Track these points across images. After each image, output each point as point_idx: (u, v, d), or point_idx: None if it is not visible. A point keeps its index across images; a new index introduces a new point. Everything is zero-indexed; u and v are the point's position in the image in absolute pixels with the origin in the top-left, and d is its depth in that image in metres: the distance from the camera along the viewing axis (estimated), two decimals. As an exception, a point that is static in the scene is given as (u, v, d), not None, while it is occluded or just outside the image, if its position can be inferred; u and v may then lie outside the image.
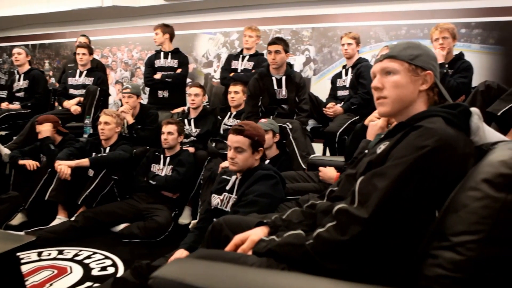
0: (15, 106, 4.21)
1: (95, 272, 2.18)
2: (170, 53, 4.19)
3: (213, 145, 3.27)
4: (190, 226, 2.89)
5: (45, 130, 3.27)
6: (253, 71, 3.71)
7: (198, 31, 5.41)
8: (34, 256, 2.35)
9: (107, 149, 3.18)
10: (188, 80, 4.58)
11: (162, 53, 4.20)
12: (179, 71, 4.16)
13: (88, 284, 2.04)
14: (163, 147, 3.14)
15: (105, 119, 3.17)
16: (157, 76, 4.13)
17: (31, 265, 2.22)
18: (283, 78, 3.19)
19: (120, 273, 2.18)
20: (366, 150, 1.30)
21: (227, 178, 2.12)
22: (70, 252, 2.44)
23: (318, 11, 4.83)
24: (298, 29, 4.93)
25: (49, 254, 2.39)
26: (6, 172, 3.25)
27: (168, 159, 3.12)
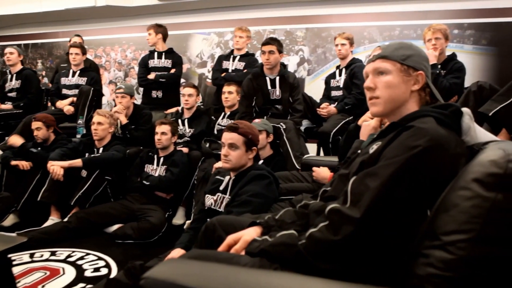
0: (7, 106, 4.17)
1: (88, 273, 2.16)
2: (163, 53, 4.18)
3: (207, 145, 3.27)
4: (185, 227, 2.88)
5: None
6: (245, 71, 3.71)
7: (192, 31, 5.40)
8: (26, 257, 2.33)
9: (101, 150, 3.16)
10: (182, 80, 4.57)
11: (156, 53, 4.19)
12: (173, 71, 4.15)
13: (81, 285, 2.03)
14: (156, 147, 3.13)
15: (98, 119, 3.15)
16: (151, 76, 4.11)
17: (23, 267, 2.20)
18: (277, 78, 3.19)
19: (114, 274, 2.17)
20: (359, 150, 1.30)
21: (221, 178, 2.12)
22: (63, 253, 2.42)
23: (312, 11, 4.84)
24: (292, 29, 4.94)
25: (42, 256, 2.37)
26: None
27: (161, 159, 3.11)
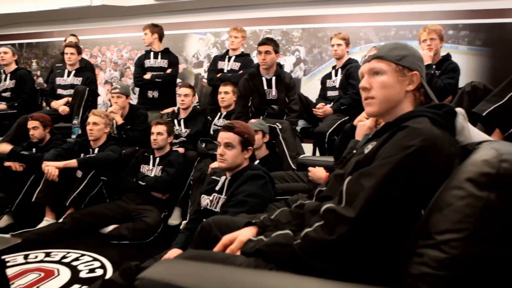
0: (1, 106, 4.14)
1: (83, 274, 2.15)
2: (160, 53, 4.17)
3: (203, 145, 3.27)
4: (181, 227, 2.88)
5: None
6: (240, 72, 3.71)
7: (188, 31, 5.40)
8: (20, 259, 2.32)
9: (96, 150, 3.15)
10: (178, 81, 4.56)
11: (152, 53, 4.18)
12: (169, 71, 4.14)
13: (76, 286, 2.02)
14: (152, 147, 3.12)
15: (94, 120, 3.14)
16: (147, 76, 4.10)
17: (17, 268, 2.19)
18: (273, 78, 3.19)
19: (109, 275, 2.16)
20: (355, 150, 1.30)
21: (217, 178, 2.12)
22: (58, 254, 2.41)
23: (309, 11, 4.85)
24: (289, 29, 4.95)
25: (36, 257, 2.36)
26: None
27: (157, 159, 3.10)
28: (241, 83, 3.26)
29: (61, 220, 2.80)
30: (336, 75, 3.57)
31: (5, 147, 3.38)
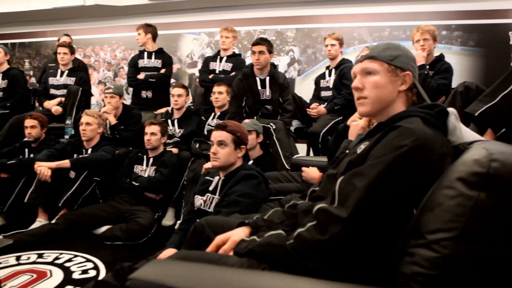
0: (-7, 106, 4.11)
1: (76, 276, 2.14)
2: (153, 53, 4.15)
3: (197, 145, 3.26)
4: (176, 227, 2.87)
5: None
6: (232, 74, 3.71)
7: (182, 31, 5.38)
8: (12, 260, 2.30)
9: (89, 150, 3.13)
10: (172, 81, 4.55)
11: (146, 53, 4.16)
12: (163, 71, 4.12)
13: (68, 287, 2.01)
14: (146, 148, 3.11)
15: (87, 120, 3.12)
16: (141, 76, 4.09)
17: (9, 270, 2.17)
18: (267, 78, 3.19)
19: (102, 276, 2.15)
20: (347, 150, 1.31)
21: (210, 179, 2.12)
22: (50, 255, 2.39)
23: (303, 12, 4.86)
24: (283, 29, 4.96)
25: (28, 258, 2.34)
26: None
27: (151, 160, 3.09)
28: (235, 83, 3.26)
29: (53, 221, 2.78)
30: (330, 75, 3.58)
31: None
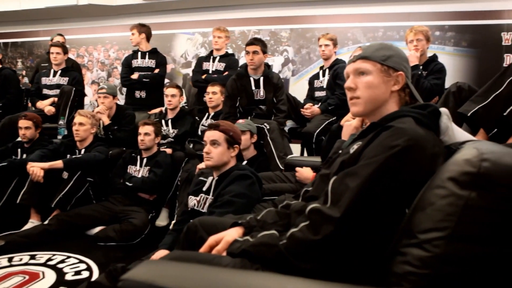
0: (-15, 106, 4.08)
1: (68, 277, 2.12)
2: (147, 53, 4.14)
3: (191, 146, 3.25)
4: (171, 227, 2.86)
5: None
6: (225, 74, 3.71)
7: (176, 31, 5.37)
8: (4, 261, 2.28)
9: (82, 151, 3.11)
10: (166, 81, 4.53)
11: (140, 53, 4.14)
12: (156, 71, 4.11)
13: (61, 289, 2.00)
14: (139, 148, 3.09)
15: (80, 120, 3.10)
16: (134, 76, 4.07)
17: (1, 271, 2.15)
18: (261, 78, 3.19)
19: (95, 277, 2.13)
20: (340, 150, 1.31)
21: (204, 179, 2.11)
22: (43, 256, 2.37)
23: (297, 12, 4.86)
24: (277, 30, 4.96)
25: (21, 259, 2.32)
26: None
27: (145, 160, 3.08)
28: (229, 83, 3.25)
29: (46, 222, 2.75)
30: (323, 75, 3.58)
31: None
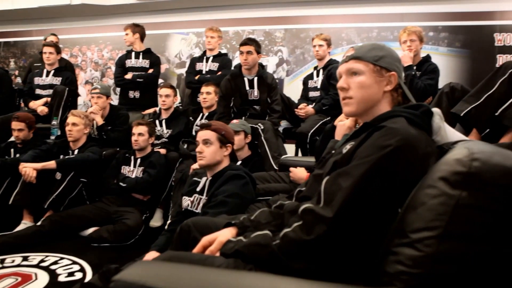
0: (-23, 107, 4.04)
1: (61, 278, 2.11)
2: (141, 53, 4.13)
3: (185, 146, 3.24)
4: (166, 227, 2.85)
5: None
6: (219, 74, 3.71)
7: (170, 31, 5.35)
8: (-4, 263, 2.26)
9: (76, 151, 3.09)
10: (160, 81, 4.52)
11: (133, 53, 4.13)
12: (150, 71, 4.10)
13: (54, 290, 1.98)
14: (133, 148, 3.08)
15: (73, 120, 3.08)
16: (128, 76, 4.05)
17: (-7, 273, 2.13)
18: (255, 79, 3.19)
19: (88, 278, 2.12)
20: (333, 150, 1.31)
21: (198, 180, 2.11)
22: (36, 258, 2.35)
23: (291, 12, 4.87)
24: (271, 30, 4.96)
25: (13, 261, 2.30)
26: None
27: (138, 160, 3.06)
28: (223, 83, 3.25)
29: (39, 223, 2.73)
30: (317, 75, 3.59)
31: None
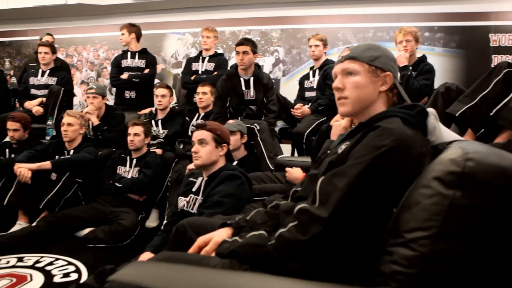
0: (-28, 107, 4.02)
1: (57, 279, 2.10)
2: (137, 53, 4.12)
3: (181, 146, 3.23)
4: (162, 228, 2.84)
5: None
6: (215, 74, 3.70)
7: (166, 31, 5.33)
8: (-9, 264, 2.25)
9: (71, 152, 3.08)
10: (156, 81, 4.51)
11: (129, 53, 4.12)
12: (146, 71, 4.09)
13: (49, 291, 1.98)
14: (129, 148, 3.07)
15: (68, 120, 3.07)
16: (124, 76, 4.04)
17: (-13, 274, 2.12)
18: (251, 79, 3.19)
19: (84, 279, 2.11)
20: (329, 151, 1.31)
21: (194, 180, 2.11)
22: (31, 259, 2.34)
23: (287, 12, 4.86)
24: (267, 30, 4.96)
25: (8, 262, 2.29)
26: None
27: (134, 160, 3.05)
28: (219, 83, 3.25)
29: (34, 224, 2.71)
30: (314, 76, 3.59)
31: None
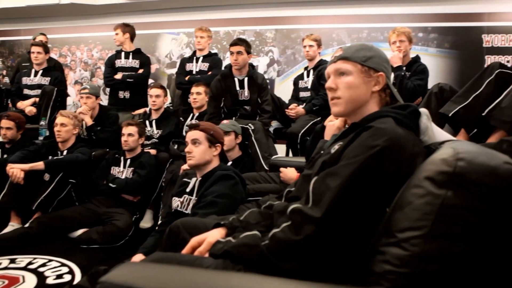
0: (-36, 107, 3.99)
1: (50, 281, 2.08)
2: (131, 53, 4.10)
3: (175, 147, 3.22)
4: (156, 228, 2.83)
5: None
6: (209, 73, 3.70)
7: (161, 31, 5.32)
8: (-17, 265, 2.23)
9: (65, 152, 3.06)
10: (150, 81, 4.49)
11: (123, 53, 4.10)
12: (140, 71, 4.07)
13: (41, 293, 1.96)
14: (123, 149, 3.06)
15: (61, 121, 3.05)
16: (118, 76, 4.02)
17: (-21, 276, 2.10)
18: (246, 79, 3.18)
19: (77, 280, 2.10)
20: (322, 151, 1.31)
21: (188, 180, 2.11)
22: (23, 260, 2.32)
23: (282, 13, 4.87)
24: (262, 30, 4.96)
25: (0, 263, 2.27)
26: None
27: (128, 161, 3.04)
28: (213, 83, 3.24)
29: (27, 225, 2.70)
30: (308, 76, 3.60)
31: None
